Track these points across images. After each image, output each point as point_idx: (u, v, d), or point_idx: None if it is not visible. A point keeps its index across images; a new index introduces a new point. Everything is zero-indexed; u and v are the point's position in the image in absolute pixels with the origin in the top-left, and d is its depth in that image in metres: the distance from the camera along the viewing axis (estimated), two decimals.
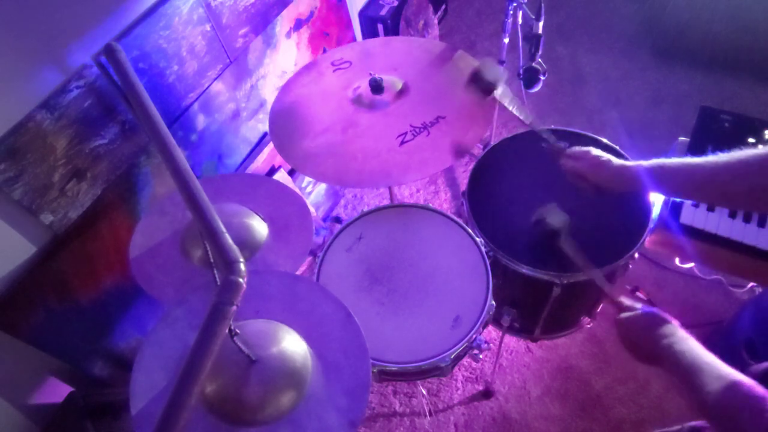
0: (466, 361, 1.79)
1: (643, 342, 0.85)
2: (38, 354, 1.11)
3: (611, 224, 1.25)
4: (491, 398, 1.72)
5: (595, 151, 0.99)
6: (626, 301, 0.92)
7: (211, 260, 0.90)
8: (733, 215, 1.44)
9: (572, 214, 1.10)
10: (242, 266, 0.72)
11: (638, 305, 0.90)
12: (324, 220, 2.14)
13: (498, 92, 1.06)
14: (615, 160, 0.96)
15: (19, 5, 0.95)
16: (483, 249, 1.23)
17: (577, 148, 1.02)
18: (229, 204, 1.09)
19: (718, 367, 0.72)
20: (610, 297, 0.95)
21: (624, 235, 1.24)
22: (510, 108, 1.06)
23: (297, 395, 0.78)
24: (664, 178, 0.86)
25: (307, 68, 1.40)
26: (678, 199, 1.15)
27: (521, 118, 1.07)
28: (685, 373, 0.74)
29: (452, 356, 1.09)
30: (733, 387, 0.67)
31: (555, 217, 1.07)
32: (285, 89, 1.35)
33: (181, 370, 0.61)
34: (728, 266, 1.42)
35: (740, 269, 1.40)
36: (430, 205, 1.34)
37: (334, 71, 1.37)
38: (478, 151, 2.31)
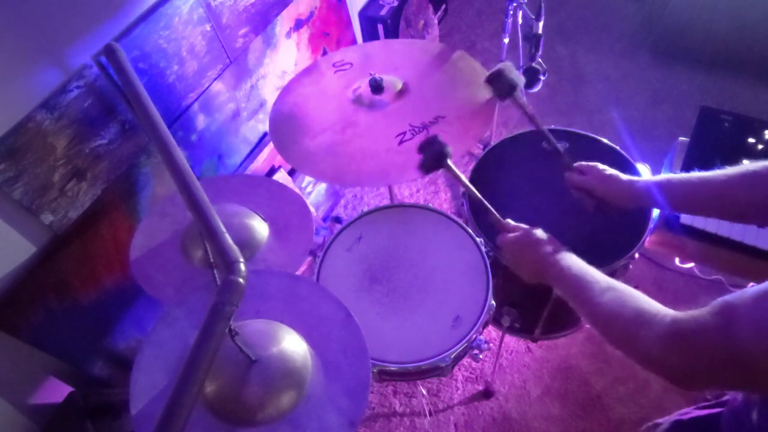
0: (466, 361, 1.79)
1: (530, 259, 0.86)
2: (38, 354, 1.11)
3: (612, 224, 1.25)
4: (491, 398, 1.72)
5: (602, 166, 0.99)
6: (511, 222, 0.93)
7: (212, 260, 0.90)
8: None
9: (573, 213, 1.10)
10: (242, 266, 0.72)
11: (523, 225, 0.91)
12: (324, 220, 2.14)
13: (517, 94, 1.05)
14: (622, 176, 0.95)
15: (19, 5, 0.95)
16: (483, 249, 1.23)
17: (584, 163, 1.01)
18: (229, 204, 1.09)
19: (605, 279, 0.75)
20: (496, 220, 0.94)
21: (624, 235, 1.24)
22: (526, 111, 1.05)
23: (297, 395, 0.78)
24: (671, 193, 0.85)
25: (309, 70, 1.40)
26: (686, 215, 1.13)
27: (536, 123, 1.06)
28: (574, 285, 0.77)
29: (452, 356, 1.09)
30: (623, 298, 0.69)
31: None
32: (286, 90, 1.35)
33: (181, 370, 0.61)
34: (728, 266, 1.42)
35: (740, 269, 1.40)
36: (430, 205, 1.34)
37: (335, 72, 1.37)
38: (478, 151, 2.31)
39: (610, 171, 0.97)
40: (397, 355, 1.09)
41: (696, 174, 0.82)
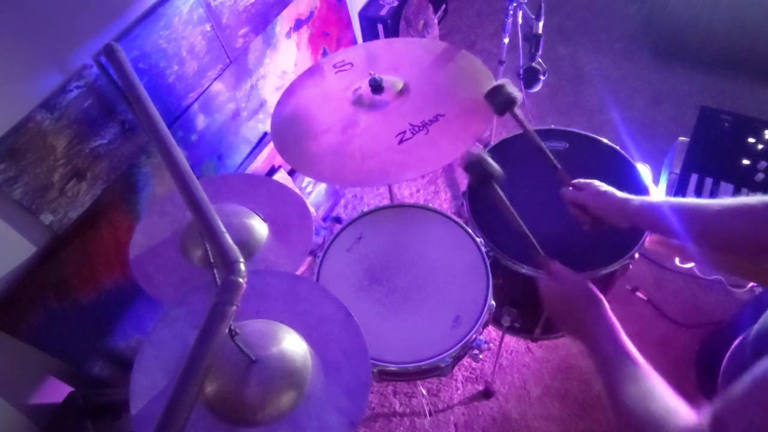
0: (466, 361, 1.79)
1: (571, 313, 0.83)
2: (38, 354, 1.11)
3: None
4: (491, 398, 1.72)
5: (598, 183, 0.97)
6: (556, 265, 0.90)
7: (211, 260, 0.90)
8: None
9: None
10: (242, 266, 0.72)
11: (571, 272, 0.88)
12: (324, 220, 2.14)
13: (515, 110, 1.05)
14: (618, 193, 0.93)
15: (19, 5, 0.95)
16: (483, 249, 1.23)
17: (581, 180, 1.00)
18: (229, 204, 1.09)
19: (637, 361, 0.72)
20: (541, 260, 0.92)
21: (624, 235, 1.24)
22: (525, 126, 1.05)
23: (297, 395, 0.78)
24: (664, 218, 0.82)
25: (310, 72, 1.40)
26: (681, 242, 1.11)
27: (531, 138, 1.06)
28: (605, 360, 0.75)
29: (452, 356, 1.09)
30: (645, 397, 0.67)
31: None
32: (288, 92, 1.35)
33: (181, 370, 0.61)
34: (728, 266, 1.42)
35: (740, 269, 1.40)
36: (430, 205, 1.34)
37: (336, 73, 1.37)
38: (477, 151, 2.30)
39: (605, 188, 0.95)
40: (397, 355, 1.09)
41: (693, 200, 0.80)
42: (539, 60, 1.66)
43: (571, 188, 1.01)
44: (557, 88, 2.55)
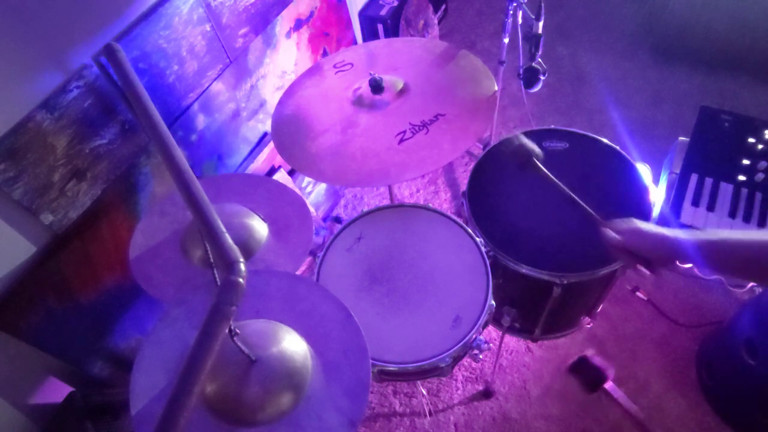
0: (466, 361, 1.79)
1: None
2: (38, 354, 1.11)
3: None
4: (491, 398, 1.72)
5: (637, 222, 0.94)
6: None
7: (211, 260, 0.90)
8: (733, 215, 1.44)
9: (572, 214, 1.10)
10: (242, 266, 0.72)
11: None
12: (324, 220, 2.14)
13: (537, 161, 1.06)
14: (654, 229, 0.90)
15: (19, 5, 0.95)
16: (483, 249, 1.23)
17: (617, 221, 0.97)
18: (229, 204, 1.09)
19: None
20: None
21: None
22: (549, 178, 1.05)
23: (297, 395, 0.78)
24: (712, 253, 0.81)
25: (310, 72, 1.40)
26: (721, 276, 1.07)
27: (561, 188, 1.05)
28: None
29: (452, 356, 1.09)
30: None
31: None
32: (288, 92, 1.36)
33: (181, 370, 0.61)
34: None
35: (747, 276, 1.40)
36: (430, 205, 1.34)
37: (335, 73, 1.37)
38: (478, 151, 2.31)
39: (646, 227, 0.92)
40: (397, 355, 1.09)
41: (735, 234, 0.79)
42: (539, 60, 1.66)
43: (608, 230, 0.97)
44: (557, 88, 2.55)
